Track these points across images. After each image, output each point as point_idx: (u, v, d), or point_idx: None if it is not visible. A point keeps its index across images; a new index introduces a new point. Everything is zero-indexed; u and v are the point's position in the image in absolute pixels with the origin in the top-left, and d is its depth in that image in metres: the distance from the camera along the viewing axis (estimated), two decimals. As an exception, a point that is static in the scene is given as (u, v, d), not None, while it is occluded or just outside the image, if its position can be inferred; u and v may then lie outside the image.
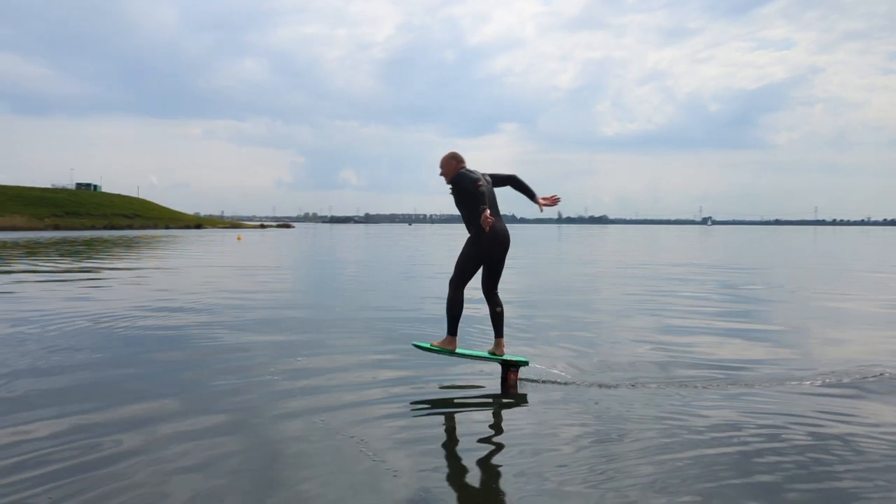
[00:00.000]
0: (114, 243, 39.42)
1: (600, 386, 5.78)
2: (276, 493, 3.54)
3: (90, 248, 32.51)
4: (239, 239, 50.48)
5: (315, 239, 56.62)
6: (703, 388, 5.78)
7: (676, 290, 14.05)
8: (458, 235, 64.46)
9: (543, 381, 5.95)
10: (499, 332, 5.83)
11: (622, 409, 5.10)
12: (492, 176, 5.81)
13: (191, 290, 13.39)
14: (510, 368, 5.83)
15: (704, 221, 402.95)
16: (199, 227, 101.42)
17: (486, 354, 5.92)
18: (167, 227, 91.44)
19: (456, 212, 5.74)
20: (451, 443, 4.54)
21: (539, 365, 6.39)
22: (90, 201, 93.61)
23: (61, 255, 25.96)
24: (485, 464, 4.09)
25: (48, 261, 22.47)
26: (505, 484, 3.74)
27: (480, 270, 5.77)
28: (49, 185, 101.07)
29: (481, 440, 4.54)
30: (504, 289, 6.12)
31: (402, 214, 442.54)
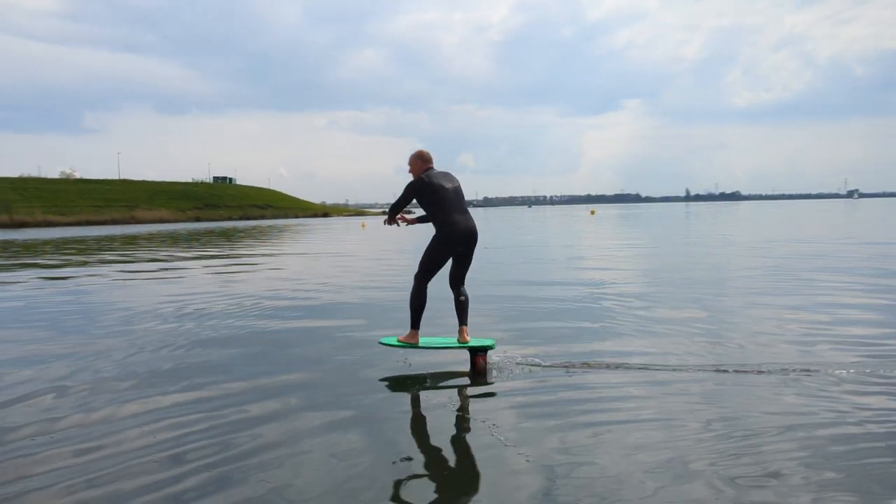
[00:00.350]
0: (248, 233, 41.06)
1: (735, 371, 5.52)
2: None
3: (234, 237, 33.92)
4: (363, 226, 51.42)
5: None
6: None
7: (822, 269, 12.77)
8: (580, 217, 63.33)
9: (674, 369, 5.65)
10: (463, 320, 5.89)
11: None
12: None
13: (331, 277, 13.29)
14: (478, 353, 5.87)
15: (850, 195, 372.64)
16: (325, 215, 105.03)
17: (452, 342, 5.99)
18: (297, 217, 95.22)
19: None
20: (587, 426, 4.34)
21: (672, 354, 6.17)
22: (226, 193, 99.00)
23: (227, 241, 27.10)
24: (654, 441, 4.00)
25: (211, 247, 23.40)
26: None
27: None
28: (190, 180, 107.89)
29: (618, 421, 4.41)
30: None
31: (521, 197, 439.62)
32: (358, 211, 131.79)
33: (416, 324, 5.90)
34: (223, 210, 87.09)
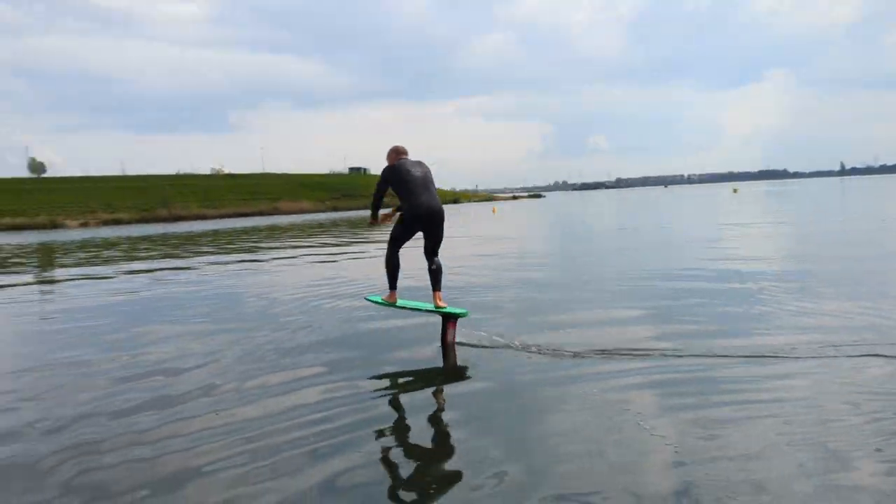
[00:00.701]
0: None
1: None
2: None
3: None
4: (494, 211, 51.42)
5: (569, 206, 55.77)
6: None
7: None
8: (721, 196, 59.93)
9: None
10: (435, 286, 6.44)
11: None
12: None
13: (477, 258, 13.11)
14: (449, 320, 6.27)
15: None
16: (455, 201, 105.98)
17: (427, 306, 6.51)
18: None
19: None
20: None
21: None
22: (361, 183, 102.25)
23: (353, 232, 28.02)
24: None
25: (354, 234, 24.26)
26: None
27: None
28: (327, 171, 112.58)
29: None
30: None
31: (656, 177, 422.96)
32: (487, 196, 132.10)
33: (392, 285, 6.63)
34: (358, 200, 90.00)
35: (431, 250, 6.53)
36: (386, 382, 5.36)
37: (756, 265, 10.82)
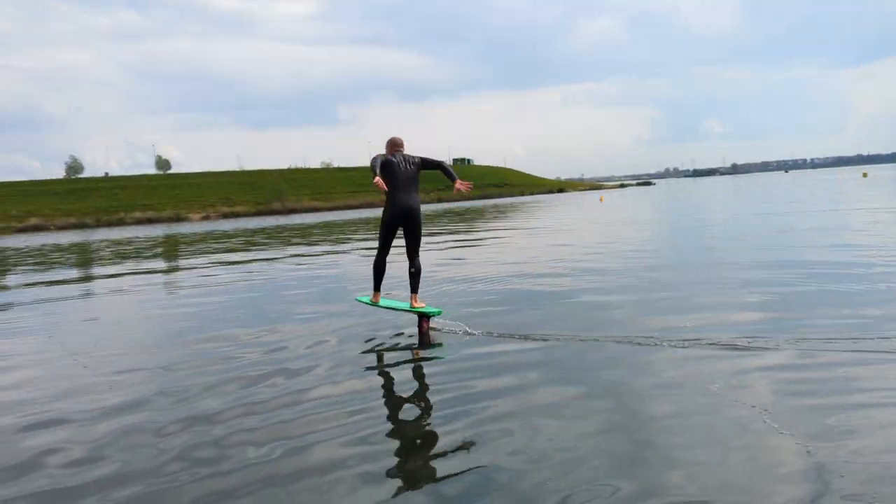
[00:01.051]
0: (507, 209, 41.86)
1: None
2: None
3: (483, 216, 34.84)
4: (601, 200, 50.16)
5: (678, 194, 53.54)
6: None
7: None
8: (849, 181, 55.75)
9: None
10: (413, 289, 6.80)
11: None
12: (422, 160, 6.98)
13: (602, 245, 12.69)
14: (424, 318, 6.80)
15: None
16: (561, 191, 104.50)
17: (405, 306, 6.93)
18: (532, 194, 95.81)
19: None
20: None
21: None
22: (465, 174, 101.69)
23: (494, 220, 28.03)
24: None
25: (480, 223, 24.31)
26: None
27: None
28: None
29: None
30: None
31: (776, 161, 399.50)
32: (593, 185, 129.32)
33: (376, 287, 6.99)
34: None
35: (412, 250, 6.81)
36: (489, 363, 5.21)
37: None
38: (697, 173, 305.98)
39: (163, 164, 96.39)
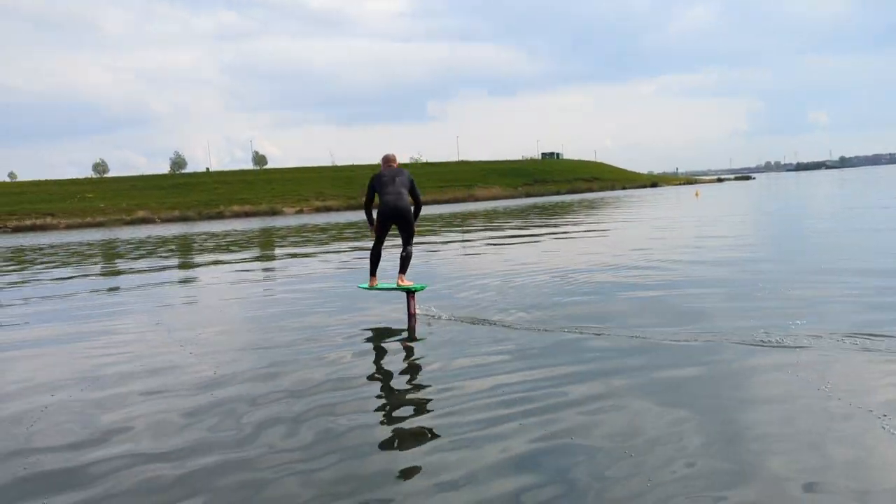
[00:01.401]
0: (601, 203, 41.08)
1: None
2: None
3: (570, 210, 34.28)
4: (697, 195, 48.25)
5: (782, 189, 50.89)
6: None
7: None
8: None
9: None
10: (401, 269, 7.86)
11: None
12: (411, 182, 8.03)
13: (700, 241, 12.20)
14: (410, 295, 7.76)
15: None
16: (654, 185, 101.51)
17: (393, 286, 7.93)
18: (623, 188, 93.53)
19: None
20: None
21: None
22: (554, 168, 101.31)
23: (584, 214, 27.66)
24: None
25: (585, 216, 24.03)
26: None
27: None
28: (519, 157, 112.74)
29: None
30: None
31: (889, 154, 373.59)
32: (688, 179, 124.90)
33: (372, 273, 8.10)
34: (551, 185, 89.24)
35: (406, 240, 8.03)
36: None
37: None
38: (801, 167, 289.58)
39: (259, 159, 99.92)
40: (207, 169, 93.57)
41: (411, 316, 7.66)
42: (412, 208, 8.02)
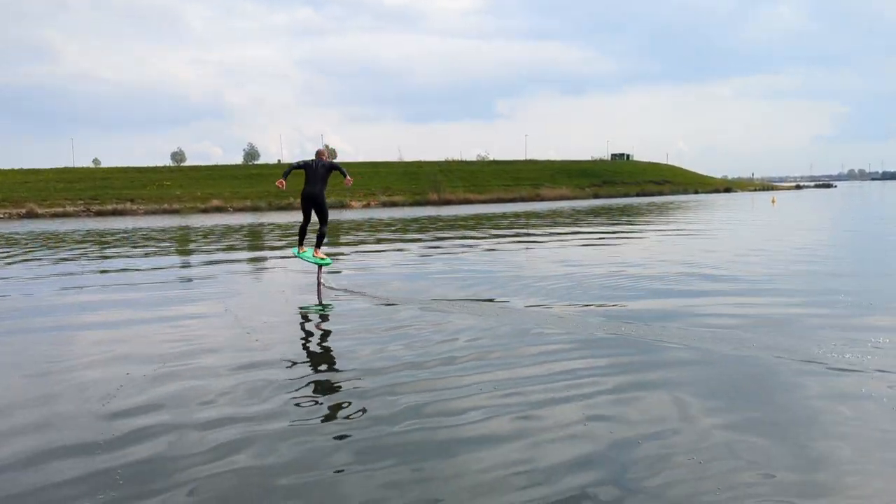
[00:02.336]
0: (652, 209, 40.16)
1: None
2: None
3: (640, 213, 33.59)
4: (773, 202, 46.47)
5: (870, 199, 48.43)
6: None
7: None
8: None
9: None
10: (317, 245, 10.56)
11: None
12: (331, 164, 10.52)
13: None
14: (319, 268, 10.53)
15: None
16: (728, 190, 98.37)
17: (309, 255, 10.59)
18: (696, 192, 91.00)
19: None
20: None
21: None
22: (623, 170, 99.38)
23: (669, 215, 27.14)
24: None
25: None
26: None
27: None
28: (588, 158, 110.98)
29: None
30: None
31: None
32: (764, 185, 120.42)
33: (300, 242, 10.63)
34: (620, 186, 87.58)
35: (321, 220, 10.48)
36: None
37: None
38: (887, 175, 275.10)
39: (330, 153, 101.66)
40: (279, 161, 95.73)
41: (319, 283, 10.18)
42: (341, 169, 10.48)
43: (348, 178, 10.51)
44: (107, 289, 11.11)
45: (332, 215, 48.46)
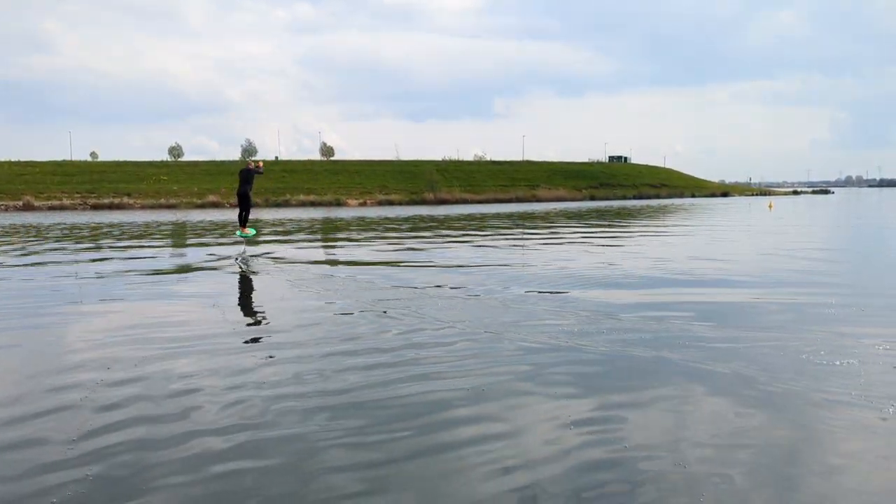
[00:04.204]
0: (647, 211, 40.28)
1: None
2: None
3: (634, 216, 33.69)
4: (770, 207, 46.64)
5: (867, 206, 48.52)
6: None
7: None
8: None
9: None
10: (242, 225, 16.44)
11: None
12: (248, 171, 16.43)
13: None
14: (245, 240, 17.23)
15: None
16: (725, 194, 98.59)
17: (240, 234, 16.62)
18: (693, 196, 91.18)
19: None
20: None
21: None
22: (621, 172, 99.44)
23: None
24: None
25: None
26: None
27: None
28: (586, 160, 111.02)
29: None
30: None
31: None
32: (762, 190, 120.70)
33: (241, 225, 16.36)
34: (617, 189, 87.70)
35: (247, 209, 16.32)
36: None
37: None
38: (885, 183, 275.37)
39: (327, 150, 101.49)
40: (276, 157, 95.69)
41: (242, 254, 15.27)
42: (254, 171, 16.45)
43: (259, 166, 16.80)
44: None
45: (325, 212, 49.38)
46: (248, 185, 15.88)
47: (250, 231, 16.67)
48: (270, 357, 6.08)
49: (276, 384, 5.22)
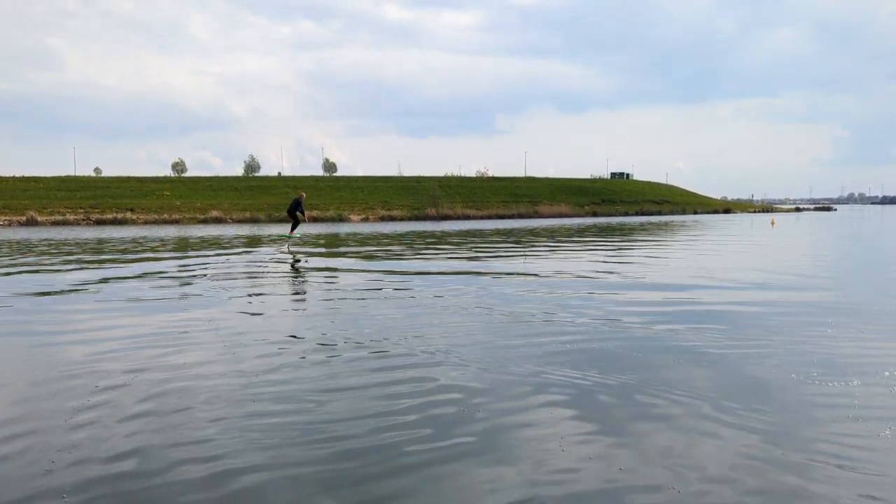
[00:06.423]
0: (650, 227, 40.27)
1: None
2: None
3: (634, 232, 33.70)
4: (772, 224, 46.70)
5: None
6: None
7: None
8: None
9: None
10: (292, 229, 28.52)
11: None
12: (296, 201, 28.17)
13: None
14: (289, 237, 28.32)
15: None
16: (727, 211, 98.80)
17: (288, 235, 28.65)
18: (695, 213, 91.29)
19: None
20: None
21: None
22: (623, 189, 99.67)
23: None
24: None
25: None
26: None
27: None
28: (588, 176, 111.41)
29: None
30: None
31: None
32: (764, 207, 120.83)
33: (292, 230, 28.63)
34: (619, 205, 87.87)
35: (294, 222, 28.24)
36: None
37: None
38: (887, 200, 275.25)
39: (329, 166, 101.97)
40: (279, 173, 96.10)
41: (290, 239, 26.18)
42: (296, 211, 27.38)
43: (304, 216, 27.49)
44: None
45: (327, 228, 49.77)
46: (296, 208, 27.27)
47: (296, 234, 28.19)
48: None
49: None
